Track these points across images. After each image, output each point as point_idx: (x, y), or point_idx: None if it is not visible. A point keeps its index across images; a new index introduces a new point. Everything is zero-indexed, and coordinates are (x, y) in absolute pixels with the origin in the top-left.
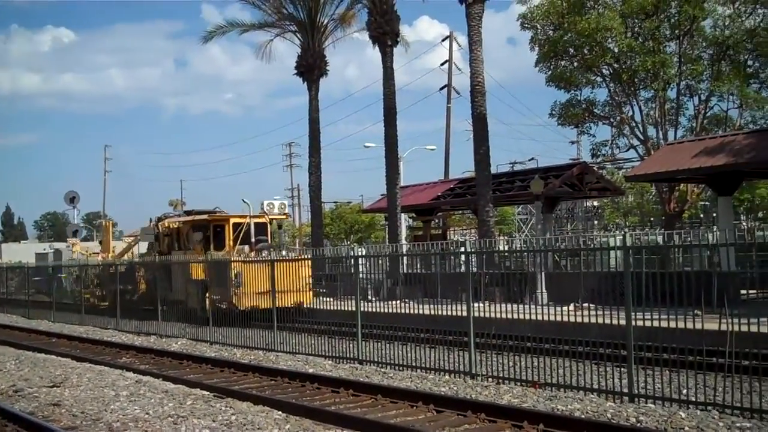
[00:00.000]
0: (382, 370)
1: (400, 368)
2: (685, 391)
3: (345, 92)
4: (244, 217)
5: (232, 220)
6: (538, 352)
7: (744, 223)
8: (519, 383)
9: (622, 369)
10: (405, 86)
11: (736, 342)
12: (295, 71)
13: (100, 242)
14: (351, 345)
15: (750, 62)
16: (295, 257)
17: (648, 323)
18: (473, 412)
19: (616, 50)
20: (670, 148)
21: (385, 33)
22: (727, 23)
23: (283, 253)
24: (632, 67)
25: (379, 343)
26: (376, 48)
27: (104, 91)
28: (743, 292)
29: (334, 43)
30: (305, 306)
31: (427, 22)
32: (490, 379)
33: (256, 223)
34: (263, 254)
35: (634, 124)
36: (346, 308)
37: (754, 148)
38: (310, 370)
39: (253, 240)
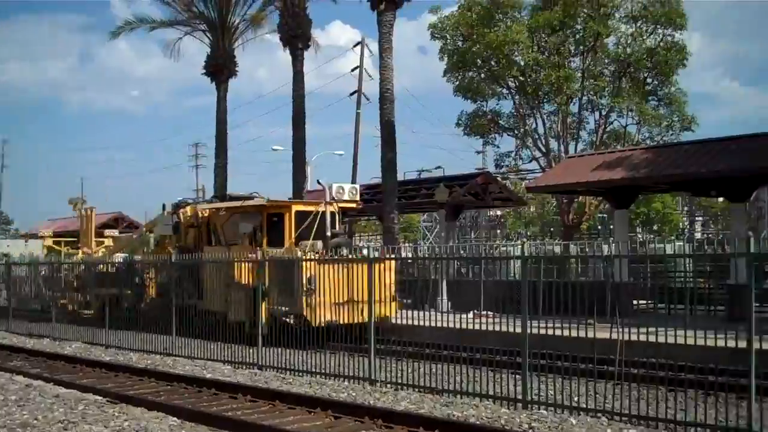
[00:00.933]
0: (282, 375)
1: (300, 374)
2: (576, 398)
3: (255, 93)
4: (314, 204)
5: (295, 208)
6: (437, 359)
7: (640, 236)
8: (417, 389)
9: (517, 376)
10: (316, 90)
11: (626, 350)
12: (204, 71)
13: (77, 234)
14: (251, 350)
15: (649, 80)
16: (380, 257)
17: (543, 331)
18: (370, 418)
19: (522, 63)
20: (570, 161)
21: (296, 36)
22: (629, 41)
23: (365, 251)
24: (537, 80)
25: (280, 349)
26: (287, 50)
27: (3, 84)
28: (636, 302)
29: (244, 43)
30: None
31: (340, 26)
32: (389, 385)
33: (316, 212)
34: (342, 252)
35: (537, 137)
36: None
37: (650, 163)
38: (209, 375)
39: (328, 233)
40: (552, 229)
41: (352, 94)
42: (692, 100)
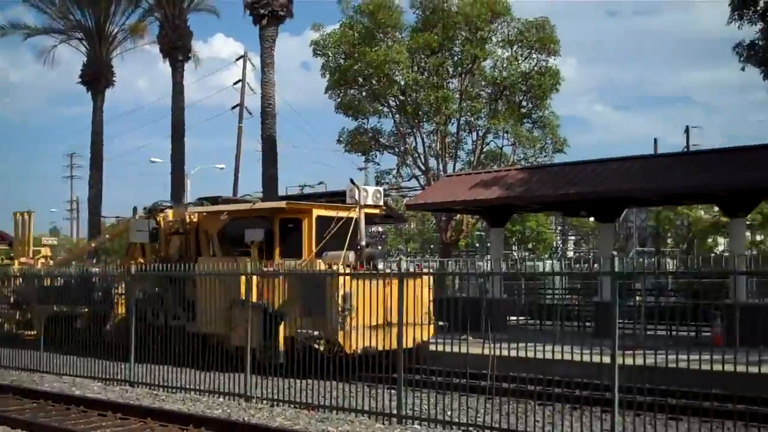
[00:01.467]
0: (155, 392)
1: (174, 390)
2: (450, 413)
3: (136, 104)
4: (337, 208)
5: (316, 213)
6: (313, 374)
7: (515, 253)
8: (293, 405)
9: (393, 391)
10: (198, 102)
11: (498, 365)
12: (80, 80)
13: (10, 244)
14: (123, 366)
15: (524, 103)
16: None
17: None
18: None
19: (402, 83)
20: (448, 180)
21: (176, 47)
22: (505, 65)
23: (405, 265)
24: (417, 100)
25: (153, 365)
26: (167, 62)
27: None
28: (509, 317)
29: (123, 53)
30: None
31: (223, 39)
32: (264, 402)
33: (341, 218)
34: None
35: (417, 155)
36: None
37: (524, 184)
38: (77, 392)
39: (363, 243)
40: (432, 245)
41: (233, 107)
42: (566, 123)
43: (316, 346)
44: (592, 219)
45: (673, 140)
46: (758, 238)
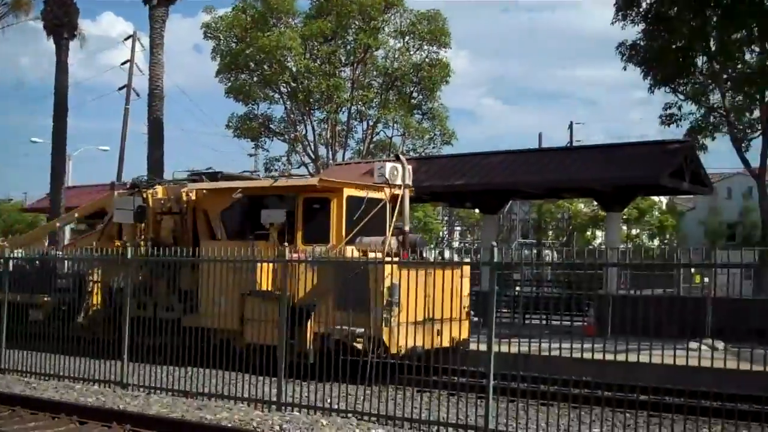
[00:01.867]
0: (26, 379)
1: (47, 378)
2: (329, 400)
3: (19, 81)
4: (369, 188)
5: (347, 192)
6: (193, 363)
7: None
8: (170, 393)
9: (274, 379)
10: (85, 81)
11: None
12: None
13: None
14: None
15: (414, 94)
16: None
17: None
18: (119, 423)
19: (294, 69)
20: (338, 168)
21: (61, 25)
22: (397, 56)
23: (448, 254)
24: (308, 87)
25: (24, 352)
26: (52, 39)
27: None
28: None
29: (4, 28)
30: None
31: (112, 18)
32: (141, 389)
33: (374, 200)
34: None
35: (307, 143)
36: None
37: (413, 174)
38: None
39: (407, 228)
40: None
41: (120, 88)
42: (455, 115)
43: (357, 345)
44: (477, 210)
45: (557, 135)
46: (634, 232)
